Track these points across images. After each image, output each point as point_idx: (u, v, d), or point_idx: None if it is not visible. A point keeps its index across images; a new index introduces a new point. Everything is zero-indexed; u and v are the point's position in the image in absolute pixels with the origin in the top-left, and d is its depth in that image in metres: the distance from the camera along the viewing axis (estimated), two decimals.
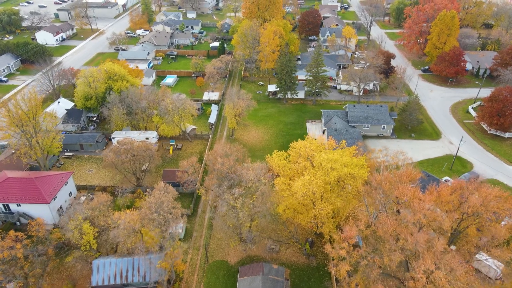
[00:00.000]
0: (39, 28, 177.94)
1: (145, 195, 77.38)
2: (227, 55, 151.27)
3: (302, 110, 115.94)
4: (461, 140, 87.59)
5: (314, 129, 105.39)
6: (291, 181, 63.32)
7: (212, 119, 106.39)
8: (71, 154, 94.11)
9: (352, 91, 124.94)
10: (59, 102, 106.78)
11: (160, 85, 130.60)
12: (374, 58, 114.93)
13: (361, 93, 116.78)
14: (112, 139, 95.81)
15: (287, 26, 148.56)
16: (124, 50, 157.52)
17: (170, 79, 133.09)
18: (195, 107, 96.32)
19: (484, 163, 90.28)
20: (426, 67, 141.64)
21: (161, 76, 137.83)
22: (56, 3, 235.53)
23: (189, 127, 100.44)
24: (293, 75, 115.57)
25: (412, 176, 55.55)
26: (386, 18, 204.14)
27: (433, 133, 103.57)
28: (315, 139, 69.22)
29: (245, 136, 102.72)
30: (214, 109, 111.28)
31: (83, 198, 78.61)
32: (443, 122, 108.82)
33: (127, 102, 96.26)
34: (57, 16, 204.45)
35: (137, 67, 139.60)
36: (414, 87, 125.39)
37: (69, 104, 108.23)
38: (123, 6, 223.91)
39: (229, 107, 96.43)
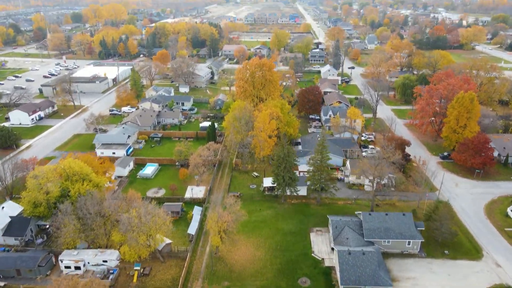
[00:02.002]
0: (18, 105, 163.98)
1: None
2: (218, 139, 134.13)
3: (305, 212, 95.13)
4: None
5: (320, 242, 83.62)
6: None
7: (193, 228, 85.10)
8: (2, 284, 71.61)
9: (362, 185, 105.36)
10: (3, 208, 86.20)
11: (138, 176, 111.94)
12: (390, 153, 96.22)
13: (375, 190, 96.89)
14: (60, 262, 74.07)
15: (285, 106, 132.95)
16: (103, 131, 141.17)
17: (149, 169, 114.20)
18: (169, 221, 75.53)
19: None
20: (446, 153, 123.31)
21: (140, 165, 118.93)
22: (45, 77, 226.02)
23: (162, 243, 78.74)
24: (294, 164, 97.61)
25: None
26: (391, 93, 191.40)
27: (472, 249, 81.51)
28: None
29: (233, 252, 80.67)
30: (196, 213, 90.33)
31: None
32: (480, 232, 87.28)
33: (82, 213, 75.85)
34: (41, 91, 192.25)
35: (113, 154, 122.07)
36: (434, 178, 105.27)
37: (17, 209, 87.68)
38: (114, 80, 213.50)
39: (212, 220, 75.74)
